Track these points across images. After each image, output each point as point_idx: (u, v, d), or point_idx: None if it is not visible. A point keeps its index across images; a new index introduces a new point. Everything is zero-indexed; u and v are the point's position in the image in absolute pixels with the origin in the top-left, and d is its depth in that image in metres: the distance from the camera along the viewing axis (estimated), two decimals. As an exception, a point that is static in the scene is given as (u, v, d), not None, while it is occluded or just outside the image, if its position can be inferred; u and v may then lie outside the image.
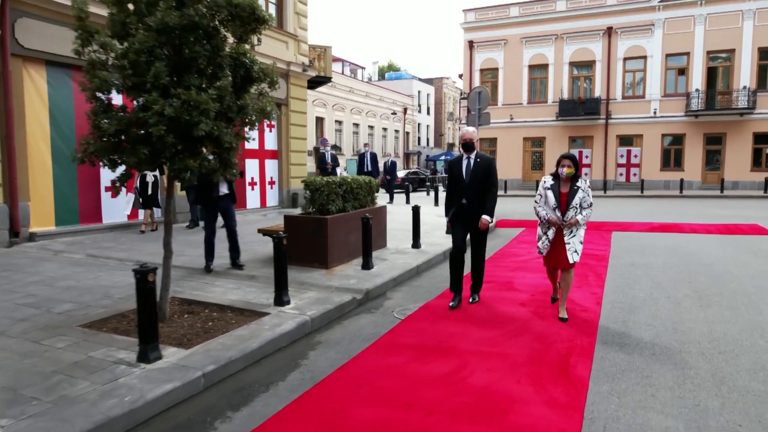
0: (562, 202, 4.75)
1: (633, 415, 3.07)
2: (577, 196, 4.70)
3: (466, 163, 5.25)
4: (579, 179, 4.78)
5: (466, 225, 5.27)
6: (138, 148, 4.09)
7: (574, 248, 4.75)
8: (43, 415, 2.91)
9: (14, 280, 6.09)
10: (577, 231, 4.79)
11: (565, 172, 4.73)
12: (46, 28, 8.76)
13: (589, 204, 4.77)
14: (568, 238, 4.75)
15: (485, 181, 5.18)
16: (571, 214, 4.71)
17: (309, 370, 3.88)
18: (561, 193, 4.78)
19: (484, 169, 5.19)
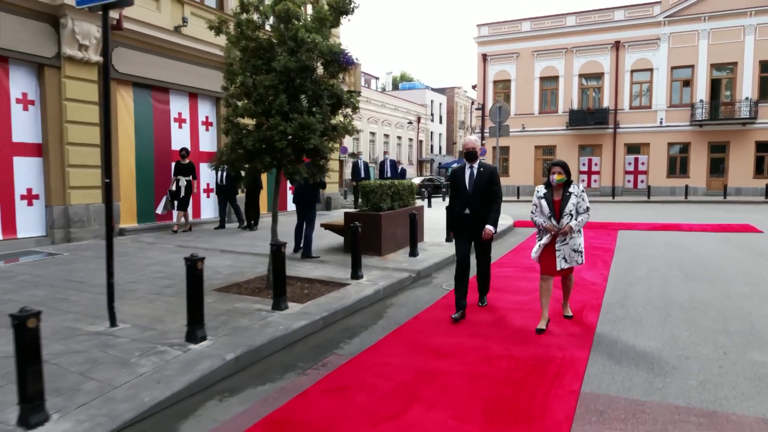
0: (556, 210, 4.74)
1: (627, 341, 4.49)
2: (570, 203, 4.68)
3: (469, 173, 5.19)
4: (572, 185, 4.75)
5: (469, 236, 5.24)
6: (263, 157, 5.60)
7: (562, 255, 4.75)
8: (233, 335, 4.39)
9: (134, 263, 7.61)
10: (570, 239, 4.74)
11: (555, 179, 4.70)
12: (134, 56, 10.36)
13: (585, 209, 4.74)
14: (559, 245, 4.75)
15: (489, 190, 5.14)
16: (566, 220, 4.68)
17: (390, 319, 5.33)
18: (554, 201, 4.77)
19: (487, 178, 5.14)
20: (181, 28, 11.20)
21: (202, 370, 3.74)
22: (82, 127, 9.32)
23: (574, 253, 4.79)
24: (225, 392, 3.61)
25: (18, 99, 8.62)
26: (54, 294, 5.76)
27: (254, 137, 5.47)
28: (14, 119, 8.58)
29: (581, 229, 4.81)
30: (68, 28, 8.83)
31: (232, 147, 5.74)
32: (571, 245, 4.76)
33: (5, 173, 8.50)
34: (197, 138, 12.24)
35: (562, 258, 4.76)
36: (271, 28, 5.91)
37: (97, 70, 9.54)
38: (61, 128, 9.06)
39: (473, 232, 5.19)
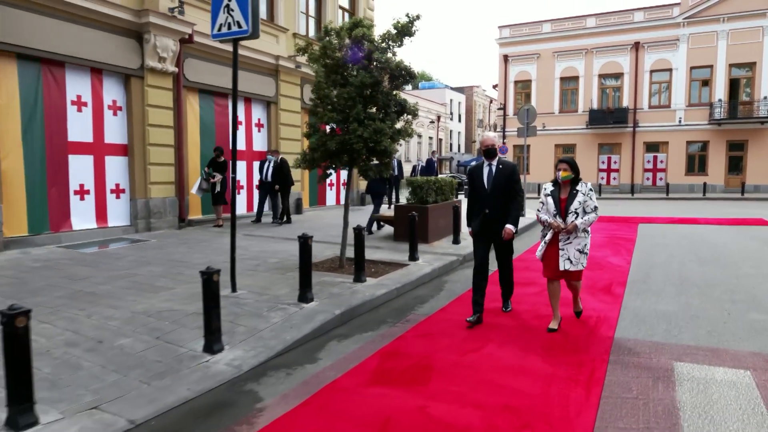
0: (561, 208, 4.59)
1: (649, 306, 5.53)
2: (576, 201, 4.53)
3: (487, 171, 5.00)
4: (579, 183, 4.63)
5: (488, 236, 5.05)
6: (342, 156, 6.73)
7: (567, 256, 4.57)
8: (332, 299, 5.53)
9: (216, 247, 8.80)
10: (574, 238, 4.58)
11: (560, 176, 4.60)
12: (200, 65, 11.58)
13: (593, 208, 4.57)
14: (563, 244, 4.59)
15: (509, 188, 4.95)
16: (571, 219, 4.53)
17: (449, 290, 6.43)
18: (561, 199, 4.63)
19: (507, 175, 4.94)
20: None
21: (320, 320, 4.88)
22: (160, 130, 10.56)
23: (580, 255, 4.57)
24: (339, 336, 4.74)
25: (109, 105, 9.88)
26: (169, 269, 6.97)
27: (336, 140, 6.59)
28: (106, 123, 9.83)
29: (588, 229, 4.65)
30: (151, 43, 10.06)
31: (315, 148, 6.87)
32: (576, 245, 4.57)
33: (99, 170, 9.76)
34: (251, 138, 13.45)
35: (566, 259, 4.57)
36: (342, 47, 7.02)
37: (172, 79, 10.76)
38: (144, 131, 10.31)
39: (493, 232, 4.98)
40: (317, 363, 4.11)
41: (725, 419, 3.04)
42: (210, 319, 4.14)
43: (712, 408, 3.18)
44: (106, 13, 9.36)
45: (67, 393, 3.35)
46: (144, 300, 5.44)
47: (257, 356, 4.11)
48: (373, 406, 3.29)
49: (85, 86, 9.46)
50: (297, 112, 14.69)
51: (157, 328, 4.61)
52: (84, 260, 7.64)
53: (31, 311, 2.93)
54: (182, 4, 10.40)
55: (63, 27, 8.81)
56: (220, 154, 11.31)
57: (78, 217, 9.44)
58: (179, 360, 3.96)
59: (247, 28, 5.23)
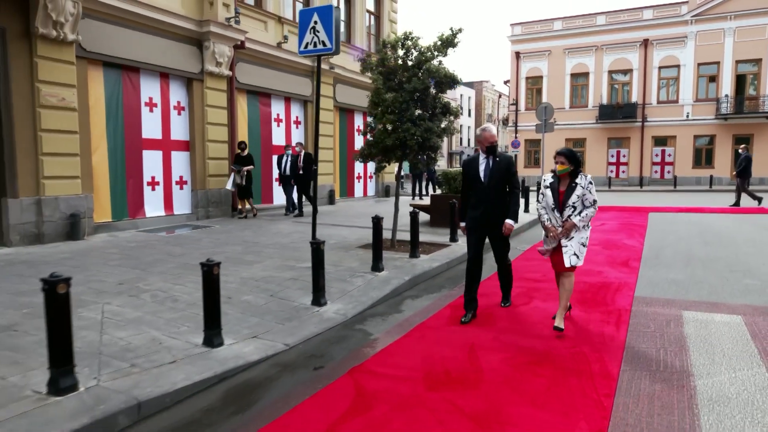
0: (560, 201, 4.47)
1: (661, 275, 6.65)
2: (574, 194, 4.38)
3: (484, 164, 4.84)
4: (579, 175, 4.44)
5: (483, 232, 4.92)
6: (396, 152, 7.87)
7: (572, 251, 4.44)
8: (397, 270, 6.69)
9: (275, 232, 9.97)
10: (575, 233, 4.45)
11: (557, 170, 4.46)
12: (249, 68, 12.73)
13: (592, 202, 4.43)
14: (565, 241, 4.47)
15: (506, 181, 4.82)
16: (568, 212, 4.42)
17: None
18: (559, 192, 4.50)
19: (504, 168, 4.80)
20: (282, 44, 13.53)
21: (394, 284, 6.04)
22: (216, 127, 11.73)
23: (583, 248, 4.48)
24: (411, 296, 5.90)
25: (175, 106, 11.05)
26: (248, 248, 8.14)
27: (393, 138, 7.73)
28: (172, 122, 11.01)
29: (588, 223, 4.51)
30: (210, 50, 11.21)
31: (373, 144, 8.01)
32: (579, 239, 4.46)
33: (167, 164, 10.95)
34: (290, 134, 14.60)
35: (572, 254, 4.43)
36: (397, 58, 8.14)
37: (226, 81, 11.92)
38: (203, 128, 11.48)
39: (490, 227, 4.86)
40: (402, 312, 5.27)
41: (720, 343, 4.17)
42: (317, 279, 5.30)
43: (710, 336, 4.32)
44: (173, 24, 10.51)
45: (228, 329, 4.51)
46: (244, 270, 6.61)
47: (355, 308, 5.27)
48: (458, 337, 4.44)
49: (155, 89, 10.63)
50: (330, 110, 15.83)
51: (268, 289, 5.78)
52: (169, 241, 8.83)
53: (220, 263, 4.09)
54: (238, 14, 11.53)
55: (139, 37, 9.97)
56: (244, 148, 11.94)
57: (150, 205, 10.64)
58: (296, 310, 5.12)
59: (331, 47, 6.35)
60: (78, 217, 8.72)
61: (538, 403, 3.16)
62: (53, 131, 8.51)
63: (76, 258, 7.32)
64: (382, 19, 18.42)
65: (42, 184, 8.39)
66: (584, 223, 4.45)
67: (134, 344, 3.98)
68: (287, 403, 3.24)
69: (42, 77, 8.31)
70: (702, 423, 2.91)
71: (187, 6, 10.88)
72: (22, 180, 8.17)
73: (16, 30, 8.08)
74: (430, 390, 3.41)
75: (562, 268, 4.54)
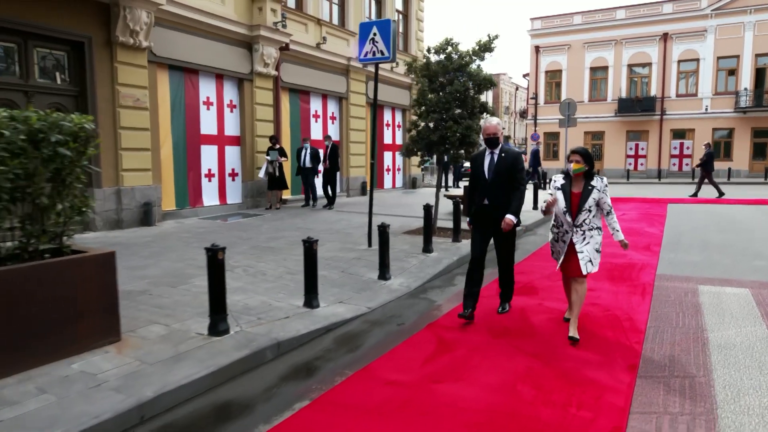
0: (573, 204, 4.18)
1: (680, 258, 7.47)
2: (591, 197, 4.12)
3: (489, 159, 4.68)
4: (594, 177, 4.20)
5: (487, 229, 4.77)
6: (439, 147, 8.75)
7: (588, 257, 4.17)
8: (445, 251, 7.60)
9: (321, 220, 10.93)
10: (591, 238, 4.19)
11: (572, 168, 4.16)
12: (292, 68, 13.67)
13: (610, 207, 4.21)
14: (581, 246, 4.18)
15: (510, 178, 4.60)
16: (583, 216, 4.15)
17: (526, 249, 8.43)
18: (572, 194, 4.20)
19: (509, 164, 4.60)
20: (320, 45, 14.44)
21: (445, 263, 6.96)
22: (264, 124, 12.70)
23: (597, 254, 4.25)
24: (461, 273, 6.76)
25: (228, 104, 12.04)
26: (305, 233, 9.06)
27: (438, 134, 8.61)
28: (225, 119, 11.99)
29: (600, 226, 4.30)
30: (259, 52, 12.16)
31: (417, 140, 8.90)
32: (593, 245, 4.21)
33: (221, 158, 11.95)
34: (327, 129, 15.52)
35: (587, 261, 4.17)
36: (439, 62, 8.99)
37: (272, 81, 12.87)
38: (253, 125, 12.46)
39: (492, 225, 4.68)
40: (456, 285, 6.18)
41: (729, 308, 5.02)
42: (383, 257, 6.24)
43: (721, 304, 5.17)
44: (228, 29, 11.47)
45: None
46: (311, 251, 7.56)
47: (415, 282, 6.20)
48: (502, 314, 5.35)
49: (212, 89, 11.62)
50: (362, 106, 16.72)
51: (338, 267, 6.73)
52: (231, 227, 9.84)
53: (317, 240, 5.03)
54: (284, 18, 12.45)
55: (198, 42, 10.94)
56: (276, 141, 12.42)
57: (207, 195, 11.67)
58: (366, 283, 6.07)
59: (389, 55, 7.23)
60: (150, 205, 9.76)
61: (582, 347, 4.06)
62: (129, 128, 9.53)
63: (158, 241, 8.34)
64: (410, 18, 19.22)
65: (121, 175, 9.43)
66: (620, 235, 4.26)
67: (251, 305, 4.95)
68: (386, 347, 4.18)
69: (121, 80, 9.32)
70: (712, 360, 3.79)
71: (239, 12, 11.82)
72: (105, 172, 9.20)
73: (100, 39, 9.08)
74: (495, 338, 4.33)
75: (576, 274, 4.23)
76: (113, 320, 3.87)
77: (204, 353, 3.72)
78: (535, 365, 3.76)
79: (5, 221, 3.31)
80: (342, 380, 3.56)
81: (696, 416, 2.99)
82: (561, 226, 4.37)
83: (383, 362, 3.86)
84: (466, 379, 3.54)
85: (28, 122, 3.30)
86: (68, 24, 8.60)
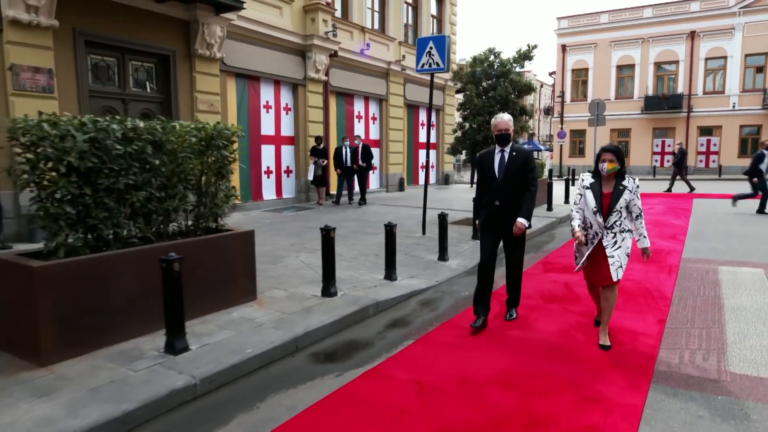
0: (604, 204, 3.98)
1: (703, 245, 8.34)
2: (622, 198, 3.94)
3: (499, 157, 4.48)
4: (626, 177, 4.01)
5: (497, 231, 4.59)
6: (482, 146, 9.76)
7: (619, 263, 3.97)
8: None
9: (372, 213, 12.01)
10: (622, 241, 4.00)
11: (606, 168, 3.94)
12: (339, 73, 14.80)
13: (640, 209, 4.03)
14: (611, 250, 3.98)
15: (521, 178, 4.42)
16: (614, 218, 3.97)
17: (560, 238, 9.39)
18: (603, 194, 4.01)
19: (521, 164, 4.41)
20: (364, 51, 15.53)
21: (493, 248, 7.97)
22: (314, 125, 13.86)
23: (626, 258, 4.06)
24: (507, 257, 7.81)
25: (284, 107, 13.22)
26: (362, 225, 10.21)
27: (482, 135, 9.63)
28: (282, 121, 13.18)
29: (631, 228, 4.10)
30: (312, 59, 13.30)
31: (463, 140, 9.93)
32: (625, 249, 4.02)
33: (278, 156, 13.15)
34: (368, 129, 16.63)
35: (618, 267, 3.97)
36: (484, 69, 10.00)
37: (323, 85, 14.02)
38: (305, 126, 13.62)
39: (503, 227, 4.52)
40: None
41: (744, 283, 5.95)
42: (443, 240, 7.30)
43: (737, 280, 6.10)
44: (285, 39, 12.64)
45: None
46: (375, 239, 8.66)
47: (471, 263, 7.23)
48: (554, 278, 6.36)
49: (270, 94, 12.81)
50: (400, 107, 17.78)
51: (401, 251, 7.76)
52: (293, 219, 11.01)
53: (395, 225, 6.10)
54: (335, 28, 13.57)
55: (260, 51, 12.13)
56: (321, 142, 13.20)
57: (266, 190, 12.87)
58: (428, 263, 7.13)
59: (443, 66, 8.25)
60: (222, 199, 10.97)
61: (619, 309, 5.04)
62: (205, 131, 10.74)
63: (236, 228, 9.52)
64: (443, 23, 20.18)
65: (198, 172, 10.65)
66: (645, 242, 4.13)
67: (342, 277, 6.05)
68: (459, 308, 5.23)
69: (198, 88, 10.54)
70: (726, 318, 4.75)
71: (295, 23, 12.98)
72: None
73: (181, 52, 10.31)
74: (548, 303, 5.36)
75: (607, 283, 4.03)
76: (252, 283, 5.02)
77: (325, 308, 4.83)
78: (583, 320, 4.78)
79: (187, 204, 4.47)
80: (433, 329, 4.63)
81: (710, 351, 3.98)
82: (590, 227, 4.10)
83: (461, 318, 4.92)
84: (530, 329, 4.58)
85: (205, 130, 4.45)
86: (157, 39, 9.83)
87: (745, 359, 3.81)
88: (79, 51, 8.64)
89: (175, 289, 3.60)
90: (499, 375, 3.63)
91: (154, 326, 4.00)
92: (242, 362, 3.65)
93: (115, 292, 3.83)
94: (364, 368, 3.78)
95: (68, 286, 3.53)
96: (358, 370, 3.76)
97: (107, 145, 3.71)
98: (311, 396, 3.34)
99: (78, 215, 3.69)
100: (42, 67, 8.04)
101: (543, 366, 3.77)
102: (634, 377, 3.54)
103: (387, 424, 2.97)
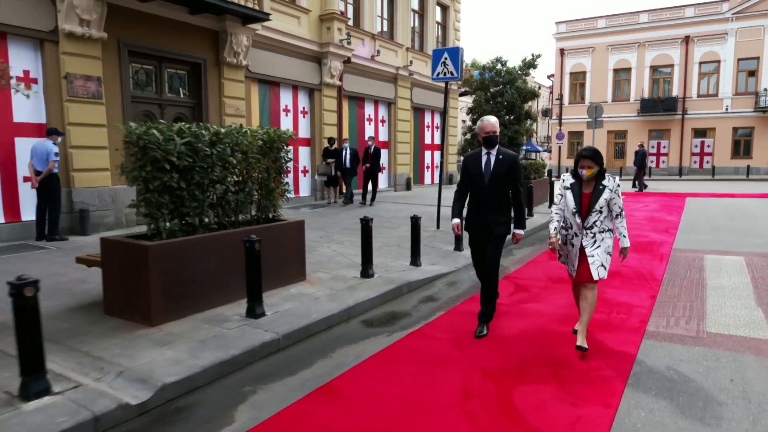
0: (583, 204, 3.98)
1: (694, 237, 9.20)
2: (602, 198, 3.92)
3: (485, 160, 4.40)
4: (606, 177, 3.98)
5: (484, 237, 4.53)
6: (491, 147, 10.60)
7: (599, 262, 3.97)
8: (500, 231, 9.47)
9: (385, 209, 12.84)
10: (602, 241, 4.00)
11: (585, 175, 3.93)
12: (352, 78, 15.63)
13: (621, 208, 3.99)
14: (591, 250, 3.99)
15: (508, 182, 4.39)
16: (593, 218, 3.95)
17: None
18: (582, 194, 4.00)
19: (508, 167, 4.35)
20: (375, 57, 16.37)
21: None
22: (329, 127, 14.69)
23: (608, 257, 4.05)
24: (516, 248, 8.65)
25: (301, 111, 14.05)
26: (379, 221, 11.02)
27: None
28: (299, 123, 14.01)
29: (611, 228, 4.07)
30: (327, 66, 14.13)
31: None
32: (605, 248, 4.02)
33: (295, 157, 13.96)
34: (378, 131, 17.47)
35: (599, 265, 3.98)
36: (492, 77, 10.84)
37: (337, 90, 14.85)
38: (320, 128, 14.45)
39: (488, 231, 4.46)
40: (515, 255, 8.04)
41: (726, 268, 6.80)
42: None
43: (720, 266, 6.94)
44: (303, 47, 13.47)
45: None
46: (394, 232, 9.48)
47: (483, 252, 8.06)
48: (558, 266, 7.16)
49: (289, 98, 13.63)
50: (407, 110, 18.62)
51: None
52: (314, 215, 11.82)
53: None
54: (349, 36, 14.40)
55: (280, 58, 12.95)
56: (333, 143, 13.88)
57: (285, 189, 13.68)
58: (446, 253, 7.95)
59: (457, 75, 9.09)
60: (247, 196, 11.78)
61: (615, 288, 5.89)
62: (231, 133, 11.56)
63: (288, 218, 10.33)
64: (448, 29, 21.04)
65: (225, 172, 11.46)
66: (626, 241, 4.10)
67: (374, 263, 6.87)
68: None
69: (226, 93, 11.36)
70: (707, 294, 5.60)
71: (312, 32, 13.82)
72: (215, 169, 11.23)
73: (211, 60, 11.12)
74: (555, 284, 6.20)
75: (586, 280, 4.04)
76: (302, 266, 5.84)
77: (366, 286, 5.66)
78: (586, 296, 5.61)
79: (254, 197, 5.29)
80: (459, 303, 5.46)
81: (692, 318, 4.82)
82: (570, 228, 4.10)
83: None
84: (542, 302, 5.43)
85: (268, 134, 5.27)
86: (190, 49, 10.65)
87: (719, 323, 4.65)
88: (123, 60, 9.45)
89: (256, 264, 4.43)
90: (519, 334, 4.47)
91: (232, 297, 4.83)
92: (311, 324, 4.47)
93: (201, 269, 4.65)
94: (408, 330, 4.61)
95: (170, 262, 4.34)
96: (404, 331, 4.59)
97: (198, 147, 4.53)
98: (371, 349, 4.16)
99: (174, 204, 4.50)
100: (92, 75, 8.85)
101: (556, 327, 4.60)
102: (629, 335, 4.38)
103: (437, 364, 3.80)
